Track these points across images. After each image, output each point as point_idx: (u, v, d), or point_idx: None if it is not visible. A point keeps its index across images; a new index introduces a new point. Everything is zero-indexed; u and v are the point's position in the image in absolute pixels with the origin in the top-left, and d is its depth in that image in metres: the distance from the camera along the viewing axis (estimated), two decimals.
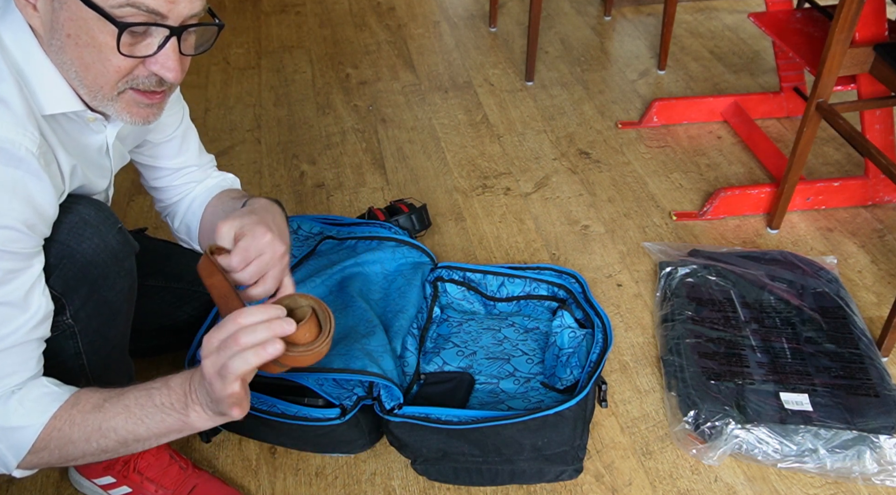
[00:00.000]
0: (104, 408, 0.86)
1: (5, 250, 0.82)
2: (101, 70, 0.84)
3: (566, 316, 1.38)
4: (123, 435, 0.87)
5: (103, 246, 0.94)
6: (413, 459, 1.23)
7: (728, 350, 1.39)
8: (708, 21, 2.70)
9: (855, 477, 1.21)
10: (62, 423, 0.86)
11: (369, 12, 2.81)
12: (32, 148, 0.82)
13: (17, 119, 0.82)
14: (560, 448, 1.18)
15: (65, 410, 0.86)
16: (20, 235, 0.83)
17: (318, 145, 2.07)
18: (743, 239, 1.73)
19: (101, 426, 0.86)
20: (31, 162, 0.82)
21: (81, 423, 0.86)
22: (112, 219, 0.97)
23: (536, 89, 2.32)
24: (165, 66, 0.84)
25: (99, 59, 0.83)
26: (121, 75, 0.84)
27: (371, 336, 1.27)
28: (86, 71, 0.84)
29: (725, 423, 1.24)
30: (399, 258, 1.48)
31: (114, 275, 0.97)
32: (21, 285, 0.84)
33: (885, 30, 1.57)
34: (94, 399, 0.87)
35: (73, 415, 0.86)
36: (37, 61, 0.85)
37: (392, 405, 1.20)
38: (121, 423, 0.86)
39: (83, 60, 0.83)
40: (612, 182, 1.92)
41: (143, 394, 0.86)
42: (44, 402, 0.86)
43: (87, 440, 0.86)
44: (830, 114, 1.56)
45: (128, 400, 0.86)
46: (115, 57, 0.82)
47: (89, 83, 0.85)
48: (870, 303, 1.55)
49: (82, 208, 0.93)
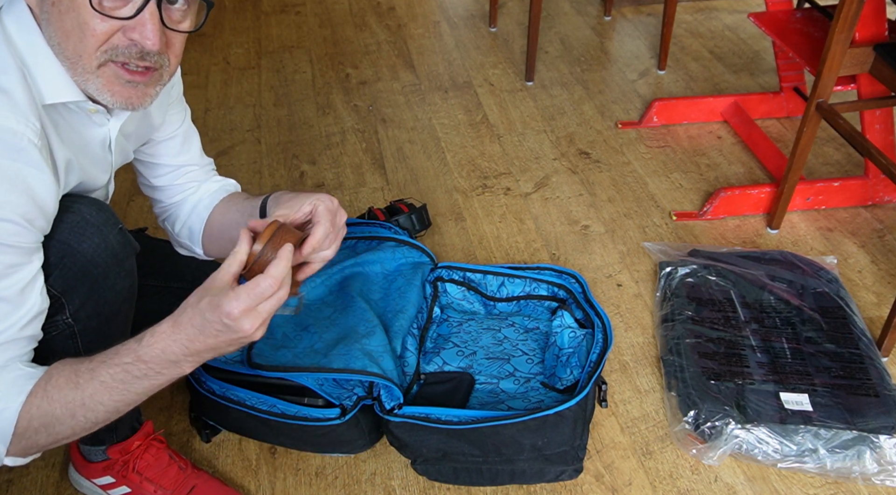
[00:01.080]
0: (80, 386, 0.84)
1: (4, 243, 0.81)
2: (79, 36, 0.83)
3: (566, 316, 1.38)
4: (112, 406, 0.86)
5: (104, 245, 0.94)
6: (413, 459, 1.23)
7: (728, 350, 1.39)
8: (708, 21, 2.70)
9: (855, 477, 1.21)
10: (39, 401, 0.84)
11: (369, 12, 2.81)
12: (34, 138, 0.82)
13: (18, 109, 0.82)
14: (560, 448, 1.18)
15: (40, 388, 0.84)
16: (19, 229, 0.83)
17: (318, 145, 2.07)
18: (743, 239, 1.73)
19: (85, 401, 0.84)
20: (33, 153, 0.82)
21: (61, 400, 0.84)
22: (113, 219, 0.97)
23: (536, 89, 2.32)
24: (143, 33, 0.83)
25: (77, 24, 0.82)
26: (98, 41, 0.83)
27: (371, 336, 1.27)
28: (66, 39, 0.83)
29: (725, 423, 1.24)
30: (399, 258, 1.48)
31: (114, 274, 0.97)
32: (18, 281, 0.84)
33: (885, 30, 1.57)
34: (68, 373, 0.85)
35: (50, 392, 0.84)
36: (39, 50, 0.85)
37: (392, 405, 1.20)
38: (105, 397, 0.85)
39: (64, 27, 0.83)
40: (612, 182, 1.92)
41: (116, 370, 0.84)
42: (18, 384, 0.85)
43: (72, 416, 0.85)
44: (830, 114, 1.56)
45: (103, 377, 0.84)
46: (91, 18, 0.81)
47: (70, 54, 0.84)
48: (870, 303, 1.55)
49: (83, 207, 0.93)
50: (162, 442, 1.20)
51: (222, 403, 1.23)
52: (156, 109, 1.08)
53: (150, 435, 1.19)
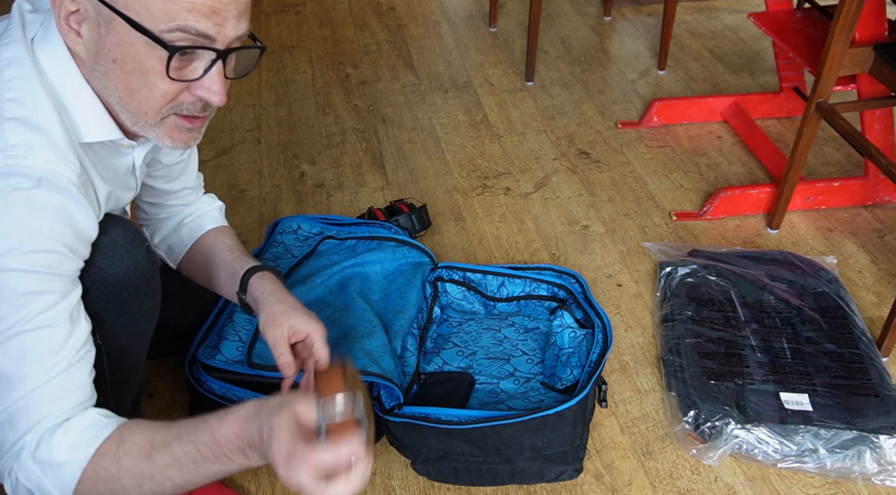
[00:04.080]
0: (153, 458, 0.82)
1: (53, 272, 0.82)
2: (146, 95, 0.83)
3: (566, 316, 1.38)
4: (180, 483, 0.83)
5: (134, 267, 0.95)
6: (413, 459, 1.23)
7: (728, 350, 1.39)
8: (708, 21, 2.70)
9: (855, 477, 1.21)
10: (108, 463, 0.82)
11: (369, 12, 2.81)
12: (74, 178, 0.83)
13: (57, 149, 0.82)
14: (560, 448, 1.18)
15: (109, 449, 0.82)
16: (63, 258, 0.83)
17: (318, 145, 2.07)
18: (743, 239, 1.73)
19: (154, 475, 0.82)
20: (72, 191, 0.83)
21: (131, 468, 0.82)
22: (140, 239, 0.98)
23: (536, 89, 2.32)
24: (211, 89, 0.84)
25: (145, 85, 0.82)
26: (166, 100, 0.84)
27: (371, 336, 1.27)
28: (130, 96, 0.83)
29: (725, 423, 1.24)
30: (399, 258, 1.48)
31: (143, 295, 0.98)
32: (67, 306, 0.84)
33: (885, 30, 1.57)
34: (141, 442, 0.82)
35: (120, 458, 0.82)
36: (76, 88, 0.85)
37: (392, 405, 1.20)
38: (175, 474, 0.82)
39: (128, 86, 0.82)
40: (612, 182, 1.92)
41: (191, 449, 0.81)
42: (88, 435, 0.82)
43: (139, 487, 0.83)
44: (830, 114, 1.56)
45: (176, 453, 0.82)
46: (163, 82, 0.82)
47: (133, 109, 0.85)
48: (870, 303, 1.55)
49: (112, 229, 0.93)
50: None
51: (223, 403, 1.23)
52: None
53: None
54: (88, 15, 0.80)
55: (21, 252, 0.79)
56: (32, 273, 0.80)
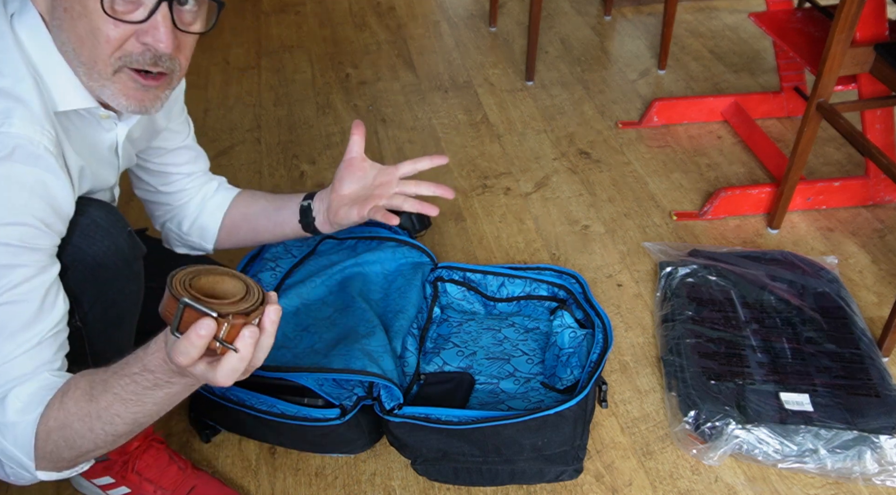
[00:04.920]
0: (95, 398, 0.82)
1: (27, 246, 0.82)
2: (93, 42, 0.83)
3: (566, 316, 1.38)
4: (129, 418, 0.83)
5: (114, 248, 0.94)
6: (413, 459, 1.23)
7: (728, 350, 1.39)
8: (708, 21, 2.70)
9: (855, 477, 1.21)
10: (56, 412, 0.83)
11: (369, 12, 2.81)
12: (50, 146, 0.83)
13: (35, 117, 0.83)
14: (560, 448, 1.18)
15: (56, 399, 0.83)
16: (39, 233, 0.83)
17: (318, 145, 2.07)
18: (743, 239, 1.73)
19: (101, 414, 0.82)
20: (49, 160, 0.83)
21: (77, 412, 0.82)
22: (122, 222, 0.98)
23: (536, 89, 2.32)
24: (156, 36, 0.84)
25: (90, 30, 0.82)
26: (112, 47, 0.84)
27: (371, 336, 1.27)
28: (80, 45, 0.84)
29: (726, 423, 1.24)
30: (399, 258, 1.48)
31: (123, 278, 0.98)
32: (43, 282, 0.84)
33: (885, 29, 1.57)
34: (83, 385, 0.83)
35: (66, 404, 0.82)
36: (51, 57, 0.86)
37: (392, 405, 1.20)
38: (121, 409, 0.82)
39: (77, 33, 0.83)
40: (613, 182, 1.92)
41: (127, 381, 0.80)
42: (39, 395, 0.84)
43: (90, 429, 0.83)
44: (831, 113, 1.56)
45: (115, 388, 0.81)
46: (104, 23, 0.82)
47: (85, 59, 0.85)
48: (870, 303, 1.55)
49: (93, 210, 0.93)
50: (161, 443, 1.20)
51: (222, 403, 1.23)
52: (160, 112, 1.09)
53: (150, 436, 1.19)
54: None
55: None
56: (6, 246, 0.80)
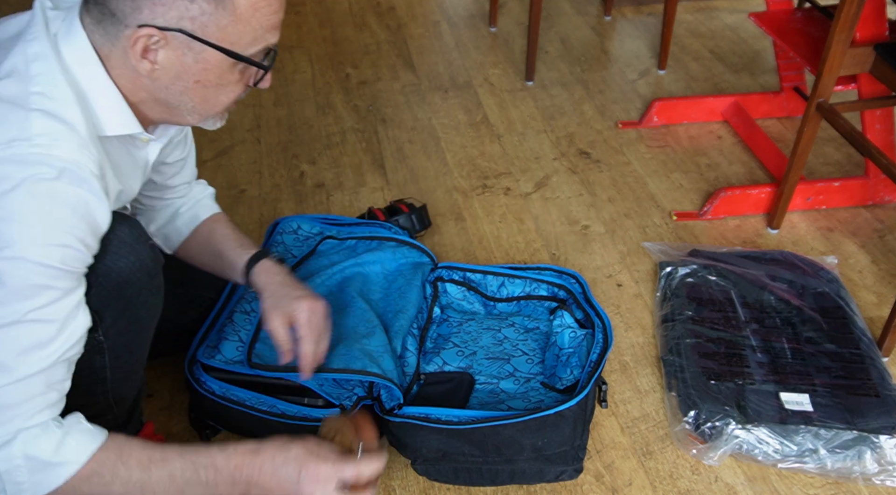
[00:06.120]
0: (150, 471, 0.87)
1: (64, 268, 0.83)
2: (222, 101, 0.94)
3: (566, 316, 1.38)
4: None
5: (138, 264, 0.96)
6: (413, 459, 1.23)
7: (728, 350, 1.39)
8: (708, 21, 2.70)
9: (855, 477, 1.21)
10: (103, 469, 0.85)
11: (369, 12, 2.81)
12: (95, 169, 0.85)
13: (81, 141, 0.84)
14: (560, 448, 1.18)
15: (107, 456, 0.86)
16: (78, 254, 0.84)
17: (318, 145, 2.07)
18: (743, 239, 1.73)
19: (144, 487, 0.86)
20: (94, 183, 0.84)
21: (125, 478, 0.86)
22: (144, 236, 0.99)
23: (536, 89, 2.32)
24: (266, 79, 0.97)
25: (224, 93, 0.93)
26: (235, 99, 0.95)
27: (371, 336, 1.27)
28: (204, 104, 0.93)
29: (726, 423, 1.24)
30: (399, 258, 1.48)
31: (146, 292, 0.99)
32: (69, 303, 0.85)
33: (885, 29, 1.57)
34: (139, 456, 0.87)
35: (118, 467, 0.86)
36: (100, 83, 0.88)
37: (392, 405, 1.20)
38: (162, 489, 0.87)
39: (205, 97, 0.92)
40: (613, 182, 1.92)
41: (188, 467, 0.88)
42: (83, 440, 0.86)
43: None
44: (831, 113, 1.56)
45: (173, 469, 0.87)
46: (238, 87, 0.94)
47: (205, 112, 0.95)
48: (870, 303, 1.55)
49: (117, 225, 0.94)
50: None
51: (222, 403, 1.23)
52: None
53: (151, 436, 1.19)
54: (172, 46, 0.86)
55: (39, 244, 0.80)
56: (46, 267, 0.81)
